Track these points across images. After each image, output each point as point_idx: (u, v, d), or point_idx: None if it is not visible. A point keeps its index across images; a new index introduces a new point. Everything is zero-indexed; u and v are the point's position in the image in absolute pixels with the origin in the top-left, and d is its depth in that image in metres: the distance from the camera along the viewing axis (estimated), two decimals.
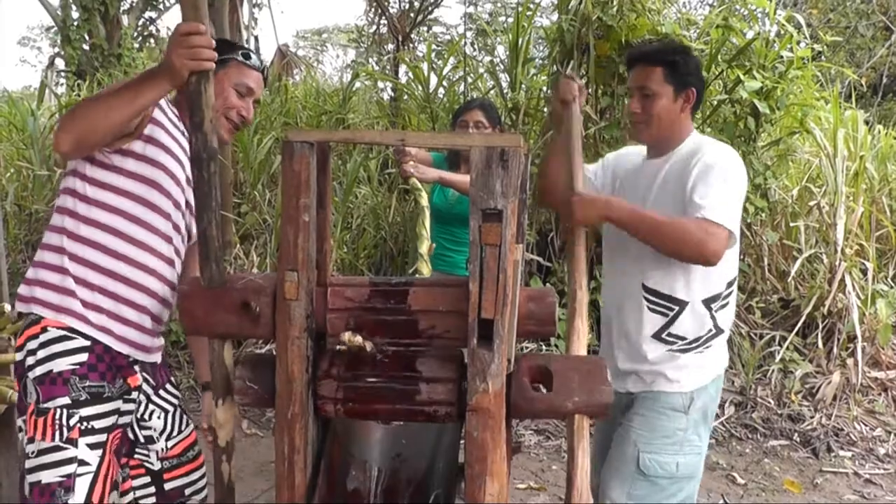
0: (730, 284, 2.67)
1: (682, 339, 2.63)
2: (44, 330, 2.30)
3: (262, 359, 1.94)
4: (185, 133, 2.46)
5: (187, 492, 2.69)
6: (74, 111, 2.23)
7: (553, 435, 5.25)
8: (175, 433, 2.64)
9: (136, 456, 2.58)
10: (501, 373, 1.73)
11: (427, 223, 3.31)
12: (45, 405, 2.27)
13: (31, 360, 2.31)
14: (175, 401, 2.67)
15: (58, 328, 2.30)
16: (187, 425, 2.70)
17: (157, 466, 2.61)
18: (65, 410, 2.27)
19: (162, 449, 2.61)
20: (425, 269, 2.99)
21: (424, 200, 3.42)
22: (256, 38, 14.30)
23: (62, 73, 14.35)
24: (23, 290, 2.37)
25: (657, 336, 2.64)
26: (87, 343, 2.31)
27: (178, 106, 2.53)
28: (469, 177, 1.70)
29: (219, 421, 2.12)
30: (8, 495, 3.37)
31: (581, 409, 1.79)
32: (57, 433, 2.26)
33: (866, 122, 6.61)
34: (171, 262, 2.47)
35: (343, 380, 1.85)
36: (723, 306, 2.67)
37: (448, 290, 1.83)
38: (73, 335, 2.31)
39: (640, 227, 2.50)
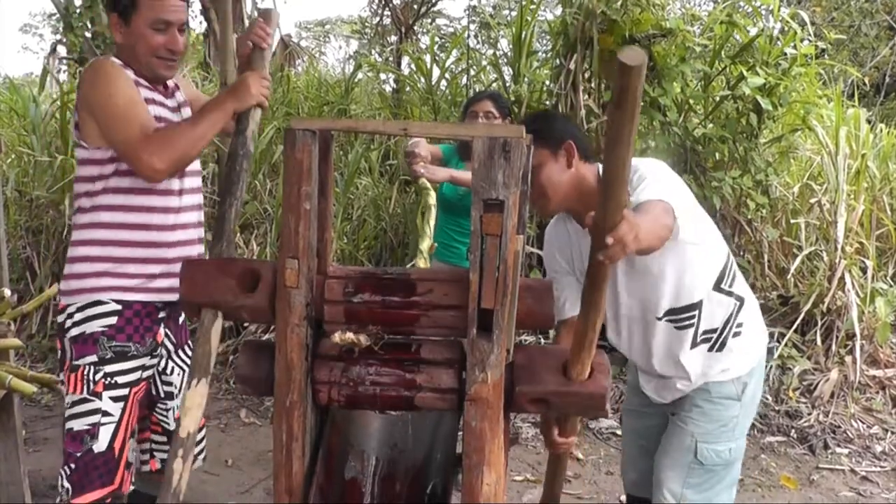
0: (726, 257, 2.65)
1: (714, 329, 2.61)
2: (77, 302, 2.57)
3: (262, 346, 1.94)
4: (158, 94, 2.67)
5: (197, 457, 2.87)
6: (168, 141, 2.48)
7: None
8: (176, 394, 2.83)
9: (156, 412, 2.80)
10: (500, 363, 1.74)
11: (432, 222, 3.31)
12: (77, 362, 2.55)
13: (69, 323, 2.57)
14: (181, 355, 2.87)
15: (87, 296, 2.56)
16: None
17: (172, 427, 2.78)
18: (92, 367, 2.53)
19: (177, 407, 2.79)
20: (423, 266, 3.00)
21: (432, 199, 3.42)
22: None
23: (64, 60, 14.31)
24: (62, 285, 2.65)
25: (694, 345, 2.61)
26: (119, 307, 2.56)
27: (127, 66, 2.60)
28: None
29: (185, 405, 2.08)
30: (6, 480, 3.40)
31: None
32: (85, 387, 2.53)
33: (868, 121, 6.60)
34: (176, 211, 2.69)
35: (342, 368, 1.86)
36: (732, 278, 2.64)
37: (448, 283, 1.84)
38: (106, 301, 2.55)
39: (650, 244, 2.10)
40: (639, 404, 2.94)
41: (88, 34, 13.61)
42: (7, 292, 3.30)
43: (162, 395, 2.78)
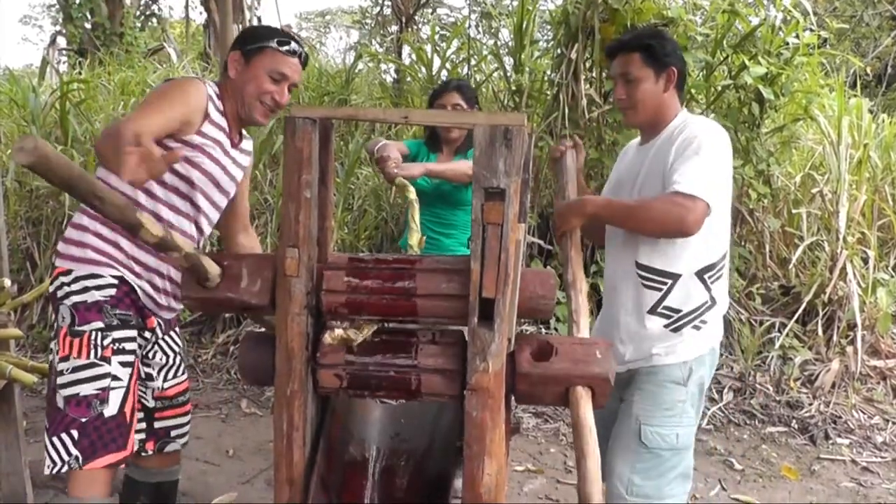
0: (723, 256, 2.72)
1: (678, 311, 2.67)
2: (73, 270, 2.59)
3: (263, 337, 1.94)
4: (226, 129, 2.75)
5: (173, 433, 2.91)
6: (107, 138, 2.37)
7: (551, 418, 5.26)
8: (171, 376, 2.87)
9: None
10: (502, 352, 1.74)
11: (417, 217, 3.29)
12: (81, 328, 2.54)
13: (65, 290, 2.58)
14: (177, 348, 2.91)
15: (86, 268, 2.59)
16: (183, 373, 2.94)
17: (151, 404, 2.83)
18: (99, 333, 2.54)
19: (158, 388, 2.83)
20: None
21: (413, 195, 3.39)
22: (259, 19, 14.25)
23: (64, 52, 14.31)
24: (60, 247, 2.66)
25: (653, 311, 2.68)
26: (115, 281, 2.59)
27: (221, 98, 2.75)
28: (451, 164, 1.69)
29: None
30: (7, 470, 3.40)
31: (584, 381, 1.81)
32: (92, 352, 2.53)
33: (871, 111, 6.59)
34: (192, 238, 2.74)
35: (342, 357, 1.86)
36: (717, 278, 2.71)
37: (449, 271, 1.84)
38: (101, 275, 2.59)
39: (615, 216, 2.68)
40: None
41: (88, 25, 13.64)
42: (7, 283, 3.29)
43: (143, 376, 2.78)
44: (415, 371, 1.85)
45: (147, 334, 2.76)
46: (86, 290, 2.59)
